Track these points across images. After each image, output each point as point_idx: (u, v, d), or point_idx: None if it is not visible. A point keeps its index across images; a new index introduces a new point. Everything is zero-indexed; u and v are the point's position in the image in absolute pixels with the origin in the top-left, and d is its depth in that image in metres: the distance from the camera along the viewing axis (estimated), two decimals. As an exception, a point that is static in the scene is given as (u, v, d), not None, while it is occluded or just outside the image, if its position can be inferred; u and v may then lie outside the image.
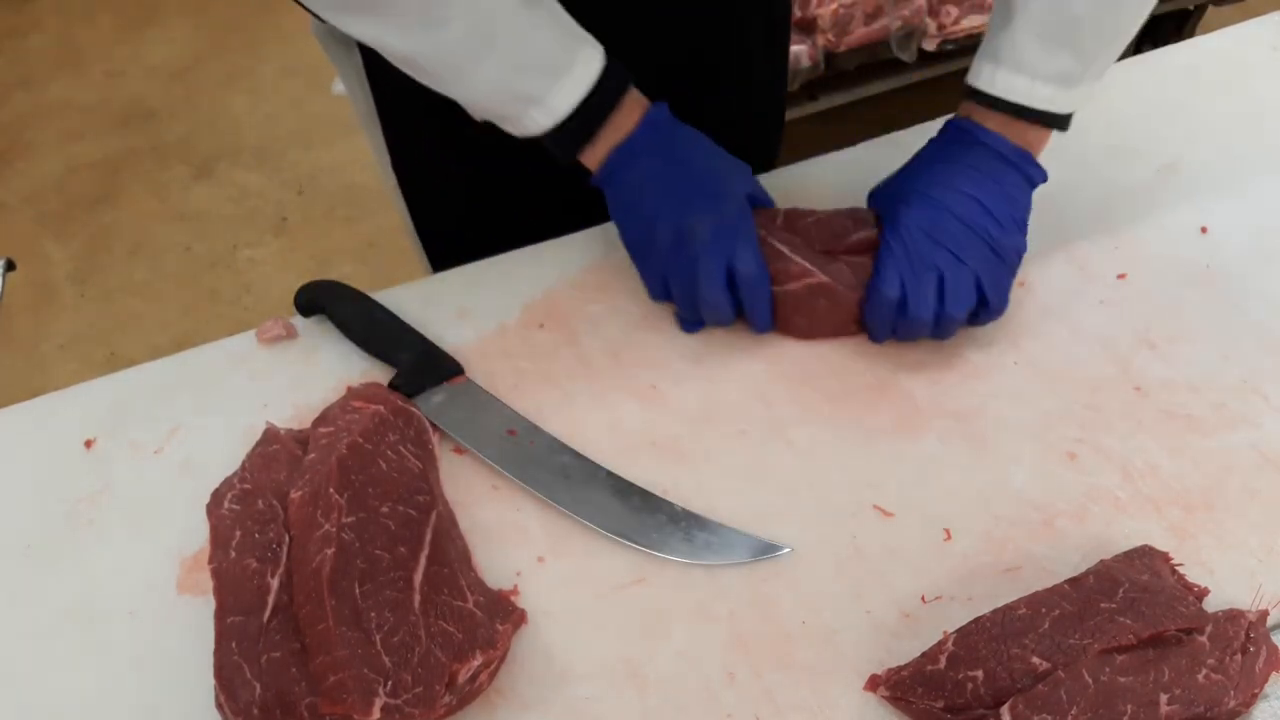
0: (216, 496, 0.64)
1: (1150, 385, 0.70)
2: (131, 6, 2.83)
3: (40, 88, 2.64)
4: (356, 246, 2.15)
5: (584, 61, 0.66)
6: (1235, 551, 0.61)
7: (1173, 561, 0.59)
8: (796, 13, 1.75)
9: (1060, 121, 0.70)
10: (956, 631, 0.55)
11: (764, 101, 0.98)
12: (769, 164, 0.90)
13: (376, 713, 0.52)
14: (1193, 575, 0.59)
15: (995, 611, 0.55)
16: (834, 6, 1.71)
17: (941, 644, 0.55)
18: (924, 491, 0.66)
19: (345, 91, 0.89)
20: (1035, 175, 0.71)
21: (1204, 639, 0.53)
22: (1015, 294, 0.76)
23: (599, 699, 0.58)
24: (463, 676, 0.55)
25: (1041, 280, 0.77)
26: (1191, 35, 2.06)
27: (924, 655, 0.55)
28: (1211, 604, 0.58)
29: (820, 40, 1.73)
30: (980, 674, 0.52)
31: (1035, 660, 0.52)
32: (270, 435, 0.67)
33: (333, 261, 2.12)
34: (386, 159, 0.91)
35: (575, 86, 0.66)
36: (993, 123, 0.70)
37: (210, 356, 0.77)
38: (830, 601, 0.61)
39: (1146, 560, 0.58)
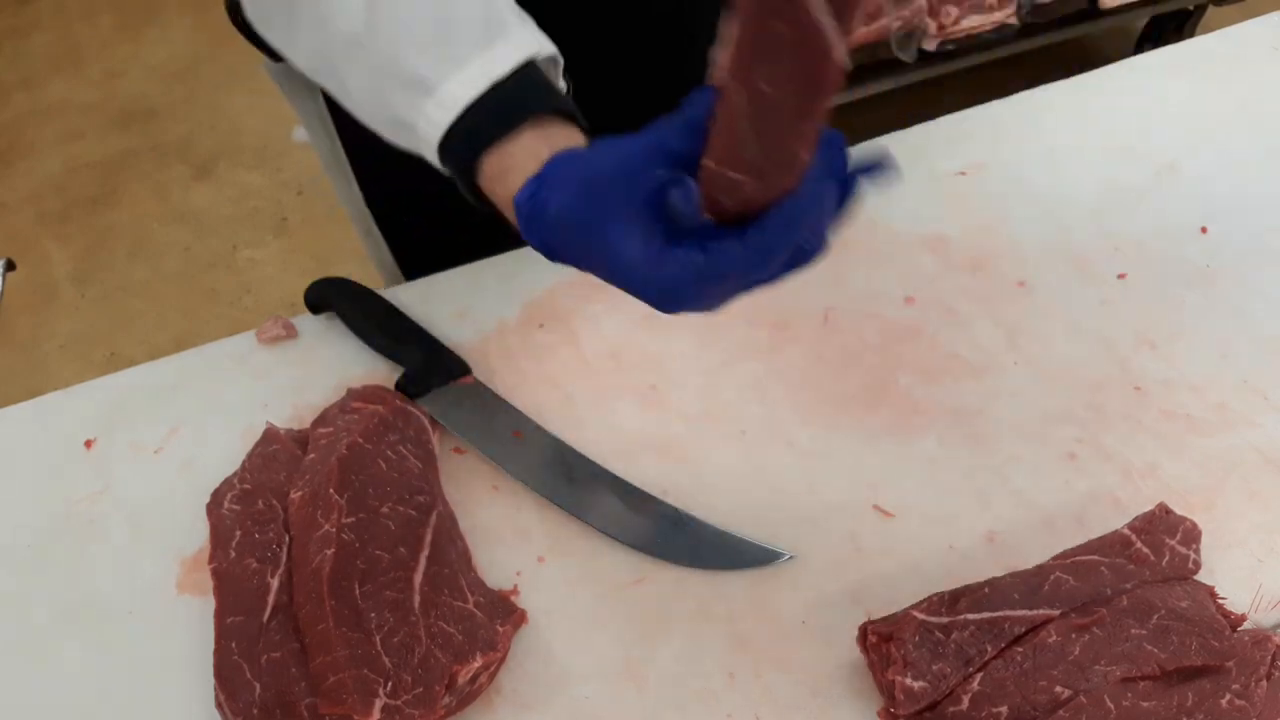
0: (216, 496, 0.64)
1: (1150, 385, 0.70)
2: (131, 6, 2.83)
3: (40, 88, 2.64)
4: (357, 247, 2.12)
5: (461, 82, 0.52)
6: (1235, 551, 0.61)
7: (1216, 594, 0.57)
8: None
9: None
10: (981, 669, 0.52)
11: None
12: None
13: (376, 713, 0.52)
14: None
15: (1027, 645, 0.53)
16: (834, 6, 1.71)
17: (966, 682, 0.52)
18: (924, 491, 0.66)
19: (307, 138, 0.86)
20: None
21: (1229, 664, 0.53)
22: (1015, 293, 0.76)
23: (599, 699, 0.58)
24: (463, 677, 0.55)
25: (1041, 280, 0.77)
26: (1191, 35, 2.06)
27: (948, 696, 0.52)
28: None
29: (820, 40, 1.72)
30: (1005, 709, 0.51)
31: (1059, 689, 0.51)
32: (270, 435, 0.67)
33: (333, 261, 2.11)
34: (357, 198, 0.89)
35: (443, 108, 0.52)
36: None
37: (210, 356, 0.77)
38: (830, 601, 0.61)
39: (1188, 587, 0.57)
